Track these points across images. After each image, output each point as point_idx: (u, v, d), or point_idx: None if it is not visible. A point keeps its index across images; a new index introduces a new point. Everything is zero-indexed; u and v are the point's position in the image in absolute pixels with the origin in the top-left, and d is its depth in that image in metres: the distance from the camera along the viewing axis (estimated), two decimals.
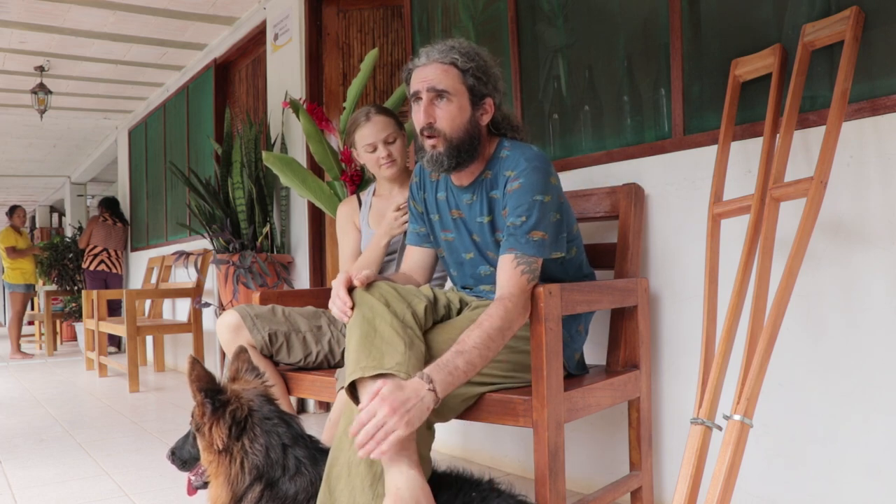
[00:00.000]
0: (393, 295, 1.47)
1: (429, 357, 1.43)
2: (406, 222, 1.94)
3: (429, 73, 1.59)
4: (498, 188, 1.60)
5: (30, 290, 7.22)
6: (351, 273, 1.50)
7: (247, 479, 1.37)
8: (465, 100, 1.60)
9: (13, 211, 7.41)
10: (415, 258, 1.84)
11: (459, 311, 1.67)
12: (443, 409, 1.44)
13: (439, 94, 1.57)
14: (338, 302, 1.48)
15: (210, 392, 1.40)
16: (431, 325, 1.54)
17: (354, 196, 2.31)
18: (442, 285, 2.18)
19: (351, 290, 1.50)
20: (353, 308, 1.46)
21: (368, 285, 1.48)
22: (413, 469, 1.25)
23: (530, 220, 1.51)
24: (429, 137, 1.58)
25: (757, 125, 1.72)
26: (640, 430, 1.83)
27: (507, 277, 1.48)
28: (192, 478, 1.53)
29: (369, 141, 2.11)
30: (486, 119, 1.64)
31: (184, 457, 1.53)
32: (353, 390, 1.40)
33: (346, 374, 1.38)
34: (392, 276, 1.75)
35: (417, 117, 1.61)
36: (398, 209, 1.99)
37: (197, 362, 1.39)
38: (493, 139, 1.68)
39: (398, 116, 2.21)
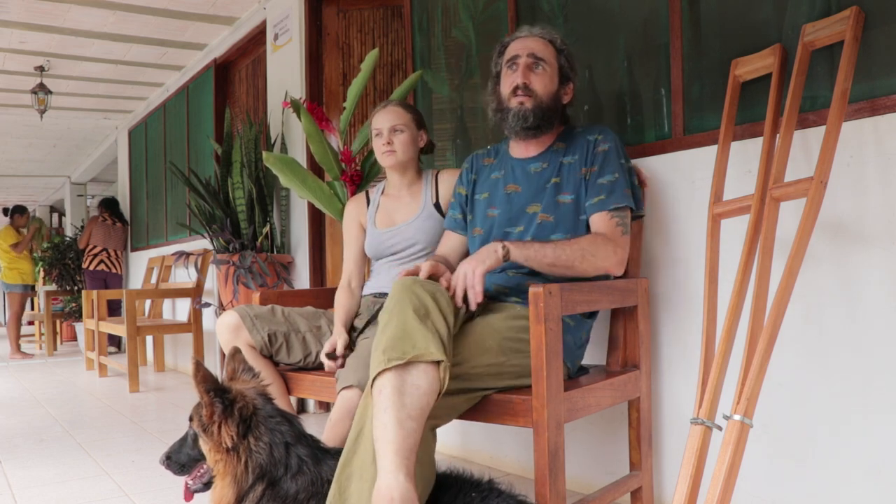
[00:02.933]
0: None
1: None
2: None
3: (530, 43, 1.75)
4: (573, 153, 1.74)
5: (28, 291, 7.21)
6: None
7: (250, 478, 1.37)
8: (556, 74, 1.76)
9: (22, 212, 7.40)
10: (451, 243, 1.94)
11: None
12: (444, 411, 1.44)
13: (537, 61, 1.73)
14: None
15: (218, 391, 1.41)
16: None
17: (363, 194, 2.28)
18: None
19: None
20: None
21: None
22: (410, 482, 1.23)
23: (622, 178, 1.69)
24: (520, 95, 1.72)
25: (757, 125, 1.72)
26: (640, 430, 1.83)
27: (603, 227, 1.65)
28: (190, 482, 1.53)
29: (376, 126, 2.10)
30: (566, 99, 1.80)
31: (181, 460, 1.52)
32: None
33: (398, 351, 1.31)
34: (433, 258, 1.79)
35: (511, 80, 1.75)
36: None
37: (201, 364, 1.39)
38: (561, 125, 1.83)
39: (421, 115, 2.20)
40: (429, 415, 1.33)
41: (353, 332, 2.04)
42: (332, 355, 1.92)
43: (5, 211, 8.38)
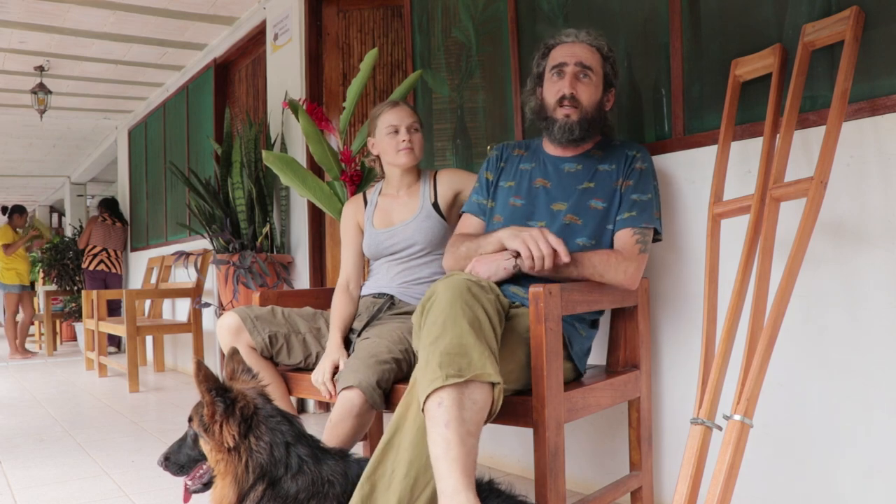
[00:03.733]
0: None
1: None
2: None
3: (577, 50, 1.74)
4: (610, 163, 1.76)
5: (25, 290, 7.19)
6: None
7: (250, 478, 1.37)
8: (601, 82, 1.77)
9: (21, 212, 7.42)
10: (473, 227, 1.91)
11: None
12: None
13: (584, 70, 1.73)
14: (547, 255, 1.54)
15: (220, 391, 1.41)
16: None
17: (360, 195, 2.27)
18: None
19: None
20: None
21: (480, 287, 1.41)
22: (478, 502, 1.19)
23: (654, 200, 1.72)
24: (566, 107, 1.72)
25: (757, 125, 1.72)
26: (640, 430, 1.83)
27: (623, 243, 1.68)
28: (189, 482, 1.53)
29: (394, 123, 2.05)
30: (608, 106, 1.81)
31: (181, 461, 1.52)
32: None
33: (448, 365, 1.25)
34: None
35: (557, 87, 1.74)
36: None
37: (203, 364, 1.39)
38: (600, 134, 1.84)
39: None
40: None
41: (351, 332, 2.05)
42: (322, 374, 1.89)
43: (3, 210, 8.38)
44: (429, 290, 1.42)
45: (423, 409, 1.27)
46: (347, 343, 1.99)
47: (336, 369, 1.86)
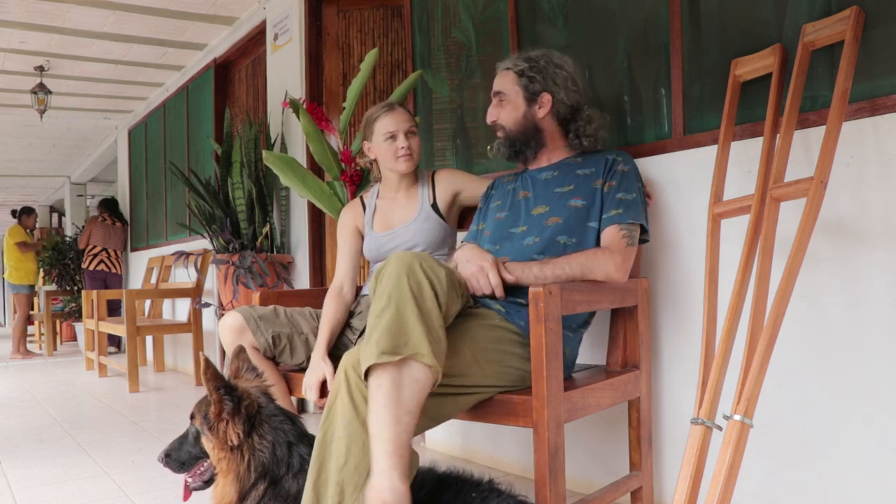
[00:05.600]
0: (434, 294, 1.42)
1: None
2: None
3: (497, 80, 1.90)
4: (590, 167, 1.80)
5: (32, 291, 7.26)
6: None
7: (252, 476, 1.38)
8: (520, 98, 1.84)
9: (29, 213, 7.49)
10: None
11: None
12: (435, 415, 1.44)
13: (498, 96, 1.87)
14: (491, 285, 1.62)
15: (226, 389, 1.41)
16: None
17: (358, 200, 2.26)
18: None
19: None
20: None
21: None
22: (403, 483, 1.21)
23: (639, 198, 1.75)
24: (497, 132, 1.89)
25: (757, 125, 1.72)
26: (640, 430, 1.83)
27: (610, 239, 1.70)
28: (189, 479, 1.53)
29: (391, 129, 2.04)
30: (542, 112, 1.84)
31: (182, 458, 1.53)
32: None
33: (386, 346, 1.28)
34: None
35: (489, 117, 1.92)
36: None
37: (210, 362, 1.39)
38: (562, 135, 1.88)
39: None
40: None
41: (349, 330, 2.05)
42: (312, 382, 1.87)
43: (13, 213, 8.52)
44: (382, 262, 1.43)
45: (365, 380, 1.30)
46: (332, 351, 1.98)
47: (324, 384, 1.85)
